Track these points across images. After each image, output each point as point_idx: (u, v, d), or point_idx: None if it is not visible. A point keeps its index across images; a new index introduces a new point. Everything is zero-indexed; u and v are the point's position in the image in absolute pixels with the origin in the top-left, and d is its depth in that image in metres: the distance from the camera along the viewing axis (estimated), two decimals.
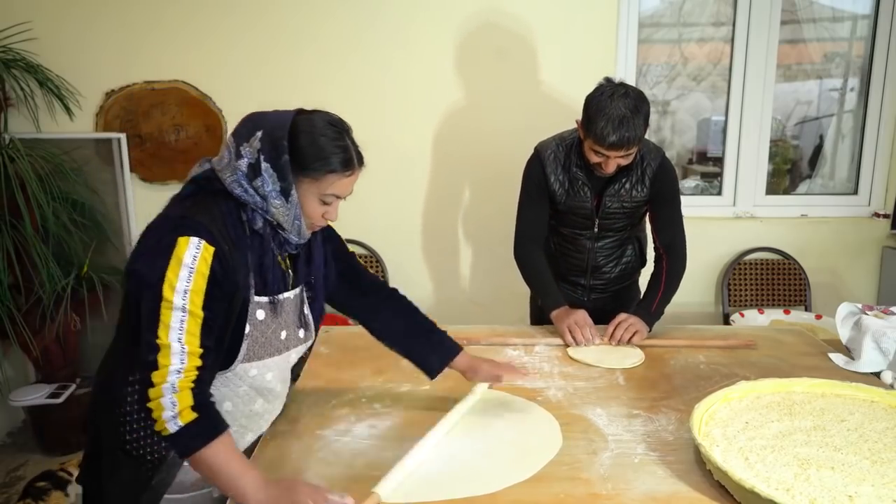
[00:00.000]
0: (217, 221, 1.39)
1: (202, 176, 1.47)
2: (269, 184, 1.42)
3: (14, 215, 3.06)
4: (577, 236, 2.50)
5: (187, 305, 1.31)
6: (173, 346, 1.30)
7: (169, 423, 1.28)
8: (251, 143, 1.42)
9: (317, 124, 1.48)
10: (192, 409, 1.29)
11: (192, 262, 1.32)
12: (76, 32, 3.40)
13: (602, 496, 1.41)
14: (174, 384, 1.29)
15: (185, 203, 1.43)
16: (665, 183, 2.37)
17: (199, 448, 1.30)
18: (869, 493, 1.32)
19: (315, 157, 1.44)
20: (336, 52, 3.45)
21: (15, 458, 3.40)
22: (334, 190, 1.48)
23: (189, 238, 1.33)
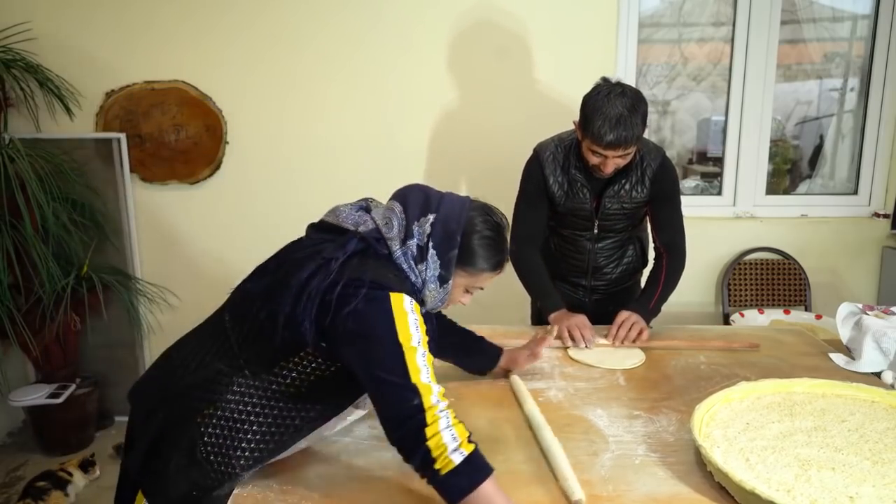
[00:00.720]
0: (404, 285, 1.44)
1: (373, 236, 1.48)
2: (431, 269, 1.48)
3: (14, 215, 3.06)
4: (577, 237, 2.50)
5: (425, 350, 1.36)
6: (432, 387, 1.32)
7: (453, 455, 1.27)
8: (422, 226, 1.48)
9: (484, 225, 1.53)
10: (469, 440, 1.31)
11: (412, 313, 1.38)
12: (76, 32, 3.40)
13: (603, 497, 1.41)
14: (447, 418, 1.31)
15: (366, 263, 1.43)
16: (665, 182, 2.36)
17: (482, 480, 1.28)
18: (870, 494, 1.32)
19: (478, 257, 1.51)
20: (336, 51, 3.45)
21: (15, 458, 3.40)
22: (481, 284, 1.58)
23: (401, 295, 1.38)
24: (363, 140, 3.54)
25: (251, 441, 1.45)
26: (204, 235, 3.61)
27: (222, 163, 3.54)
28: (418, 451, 1.28)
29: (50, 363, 3.39)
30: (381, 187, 3.53)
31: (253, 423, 1.45)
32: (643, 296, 2.41)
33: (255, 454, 1.45)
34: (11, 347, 3.23)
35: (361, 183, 3.61)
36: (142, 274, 3.62)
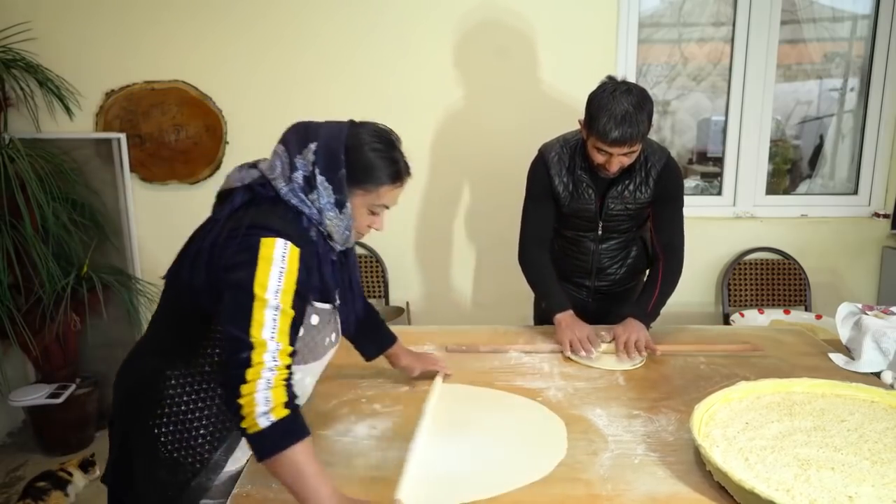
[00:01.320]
0: (290, 226, 1.40)
1: (257, 182, 1.47)
2: (324, 197, 1.45)
3: (14, 215, 3.06)
4: (581, 238, 2.49)
5: (280, 304, 1.32)
6: (269, 343, 1.29)
7: (260, 419, 1.25)
8: (305, 156, 1.45)
9: (370, 136, 1.50)
10: (285, 405, 1.28)
11: (281, 261, 1.34)
12: (76, 32, 3.40)
13: (602, 497, 1.41)
14: (269, 380, 1.28)
15: (250, 211, 1.42)
16: (669, 183, 2.35)
17: (287, 446, 1.27)
18: (869, 494, 1.32)
19: (370, 170, 1.47)
20: (336, 51, 3.45)
21: (15, 458, 3.40)
22: (384, 201, 1.53)
23: (274, 239, 1.35)
24: None
25: (207, 426, 1.46)
26: None
27: (222, 163, 3.53)
28: (232, 404, 1.27)
29: (50, 363, 3.39)
30: None
31: (202, 408, 1.46)
32: (641, 300, 2.38)
33: (215, 435, 1.48)
34: (11, 347, 3.23)
35: None
36: (142, 274, 3.62)
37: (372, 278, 3.69)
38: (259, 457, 1.29)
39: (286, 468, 1.28)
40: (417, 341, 2.30)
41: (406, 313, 3.62)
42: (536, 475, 1.50)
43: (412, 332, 2.43)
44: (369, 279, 3.68)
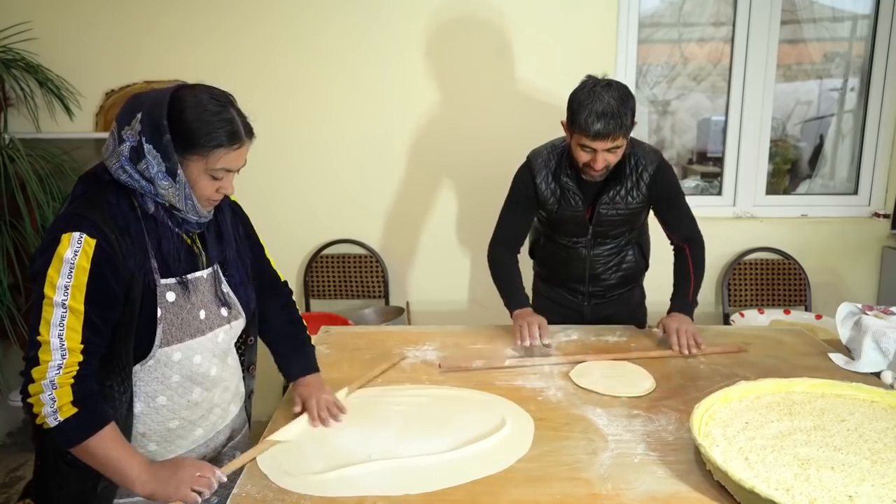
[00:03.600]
0: (103, 212, 1.38)
1: (90, 171, 1.46)
2: (153, 166, 1.39)
3: (14, 215, 3.06)
4: (574, 244, 2.48)
5: (67, 301, 1.33)
6: (53, 342, 1.32)
7: (49, 419, 1.31)
8: (132, 126, 1.39)
9: (198, 99, 1.42)
10: (73, 404, 1.32)
11: (72, 258, 1.33)
12: (76, 32, 3.40)
13: (602, 496, 1.41)
14: (53, 380, 1.31)
15: (74, 201, 1.43)
16: (665, 185, 2.34)
17: (81, 440, 1.32)
18: (869, 493, 1.32)
19: (199, 134, 1.39)
20: (335, 52, 3.45)
21: (15, 458, 3.41)
22: (223, 164, 1.44)
23: (70, 234, 1.34)
24: (362, 140, 3.54)
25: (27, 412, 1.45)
26: None
27: None
28: (25, 402, 1.33)
29: None
30: (380, 187, 3.58)
31: None
32: (679, 292, 2.38)
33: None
34: (11, 347, 3.23)
35: (360, 182, 3.62)
36: None
37: (372, 278, 3.69)
38: (63, 447, 1.36)
39: (89, 457, 1.35)
40: (417, 341, 2.30)
41: (406, 313, 3.62)
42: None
43: (412, 332, 2.43)
44: (369, 279, 3.68)
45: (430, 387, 1.96)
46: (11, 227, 3.07)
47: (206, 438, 1.63)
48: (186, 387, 1.54)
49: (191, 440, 1.59)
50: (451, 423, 1.73)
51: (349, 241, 3.69)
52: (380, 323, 3.54)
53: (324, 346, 2.27)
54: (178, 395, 1.53)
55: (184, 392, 1.54)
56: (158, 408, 1.51)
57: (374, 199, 3.63)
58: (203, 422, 1.61)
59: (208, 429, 1.63)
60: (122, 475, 1.35)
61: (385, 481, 1.47)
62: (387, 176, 3.60)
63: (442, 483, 1.46)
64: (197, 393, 1.56)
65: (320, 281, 3.70)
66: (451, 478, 1.48)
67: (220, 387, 1.63)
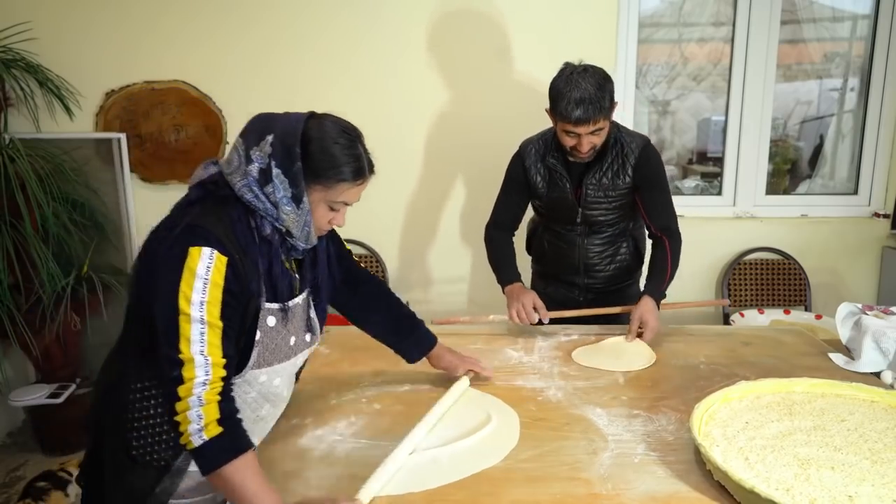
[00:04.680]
0: (227, 229, 1.37)
1: (210, 180, 1.44)
2: (280, 190, 1.40)
3: (14, 215, 3.06)
4: (567, 232, 2.53)
5: (206, 317, 1.30)
6: (196, 358, 1.29)
7: (194, 437, 1.27)
8: (262, 148, 1.40)
9: (329, 131, 1.45)
10: (218, 422, 1.28)
11: (205, 274, 1.31)
12: (76, 32, 3.40)
13: (602, 496, 1.41)
14: (200, 397, 1.28)
15: (194, 209, 1.39)
16: (649, 168, 2.40)
17: (222, 464, 1.28)
18: (869, 493, 1.32)
19: (327, 166, 1.42)
20: (336, 52, 3.45)
21: (15, 458, 3.40)
22: (344, 198, 1.47)
23: (201, 248, 1.31)
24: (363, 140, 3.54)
25: (169, 431, 1.42)
26: None
27: None
28: (170, 420, 1.30)
29: (50, 363, 3.39)
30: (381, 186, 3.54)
31: (163, 414, 1.44)
32: (653, 281, 2.39)
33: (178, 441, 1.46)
34: (11, 347, 3.23)
35: None
36: None
37: None
38: (202, 472, 1.31)
39: (225, 484, 1.29)
40: None
41: None
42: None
43: None
44: None
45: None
46: (11, 227, 3.07)
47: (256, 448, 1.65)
48: (259, 403, 1.56)
49: None
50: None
51: (349, 241, 3.65)
52: None
53: (324, 346, 2.27)
54: (249, 411, 1.54)
55: (256, 408, 1.56)
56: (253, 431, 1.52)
57: (374, 200, 3.60)
58: (260, 433, 1.63)
59: (259, 438, 1.64)
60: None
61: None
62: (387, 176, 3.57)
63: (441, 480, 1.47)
64: (266, 409, 1.59)
65: None
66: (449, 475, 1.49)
67: (284, 403, 1.68)
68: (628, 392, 1.92)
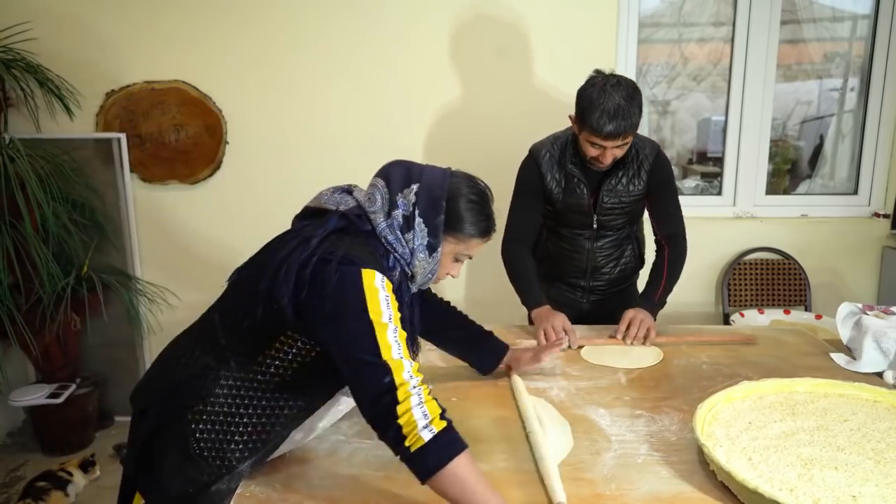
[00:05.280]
0: (378, 264, 1.43)
1: (354, 213, 1.50)
2: (419, 238, 1.49)
3: (14, 215, 3.06)
4: (576, 236, 2.50)
5: (396, 326, 1.35)
6: (403, 363, 1.31)
7: (423, 432, 1.26)
8: (406, 196, 1.49)
9: (469, 189, 1.55)
10: (441, 417, 1.30)
11: (384, 290, 1.37)
12: (76, 32, 3.40)
13: (606, 496, 1.41)
14: (420, 394, 1.30)
15: (344, 240, 1.43)
16: (662, 174, 2.39)
17: (451, 458, 1.26)
18: (873, 493, 1.32)
19: (466, 222, 1.53)
20: (336, 52, 3.45)
21: (15, 458, 3.40)
22: (470, 251, 1.59)
23: (374, 272, 1.37)
24: (363, 139, 3.54)
25: (243, 434, 1.45)
26: (204, 235, 3.61)
27: (222, 163, 3.54)
28: (390, 428, 1.28)
29: (50, 363, 3.39)
30: None
31: (243, 415, 1.45)
32: (648, 289, 2.42)
33: (248, 446, 1.46)
34: (11, 347, 3.23)
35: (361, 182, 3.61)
36: (142, 274, 3.62)
37: None
38: (423, 475, 1.28)
39: (452, 481, 1.27)
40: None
41: None
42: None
43: None
44: None
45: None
46: (11, 227, 3.06)
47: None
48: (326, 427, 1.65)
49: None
50: None
51: None
52: None
53: None
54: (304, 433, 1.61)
55: (309, 431, 1.61)
56: (293, 441, 1.57)
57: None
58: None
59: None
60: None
61: None
62: None
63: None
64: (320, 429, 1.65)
65: None
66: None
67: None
68: (631, 392, 1.92)
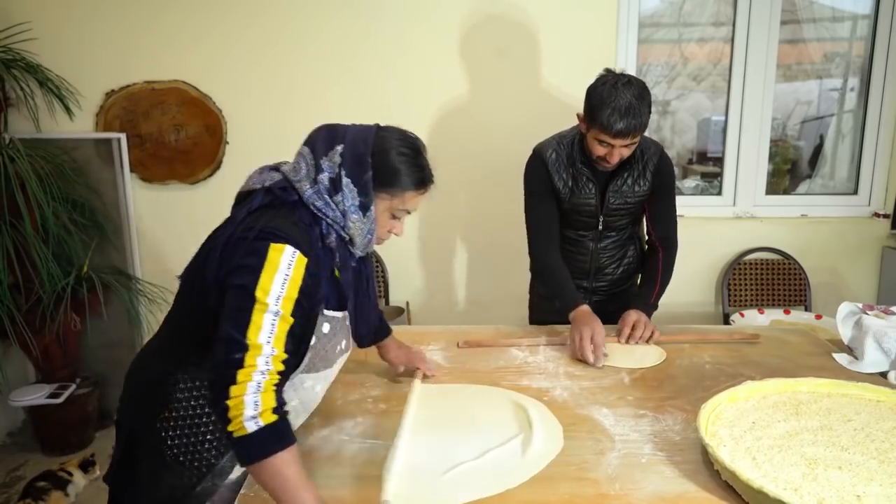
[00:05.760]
0: (302, 234, 1.40)
1: (278, 186, 1.47)
2: (349, 199, 1.45)
3: (14, 215, 3.05)
4: (581, 237, 2.50)
5: (280, 310, 1.32)
6: (264, 348, 1.29)
7: (248, 423, 1.24)
8: (331, 158, 1.45)
9: (396, 142, 1.50)
10: (274, 411, 1.27)
11: (287, 269, 1.33)
12: (76, 32, 3.40)
13: (610, 496, 1.41)
14: (260, 383, 1.26)
15: (266, 214, 1.42)
16: (665, 176, 2.39)
17: (273, 453, 1.25)
18: (877, 493, 1.32)
19: (394, 175, 1.47)
20: (336, 51, 3.45)
21: (15, 458, 3.40)
22: (407, 206, 1.54)
23: (283, 246, 1.34)
24: None
25: (214, 432, 1.45)
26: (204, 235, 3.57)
27: (222, 163, 3.53)
28: (219, 403, 1.26)
29: (50, 363, 3.38)
30: None
31: (210, 413, 1.45)
32: (643, 292, 2.42)
33: (223, 442, 1.47)
34: (11, 347, 3.22)
35: None
36: (142, 274, 3.62)
37: None
38: (243, 461, 1.28)
39: (270, 475, 1.26)
40: (420, 341, 2.29)
41: (406, 313, 3.62)
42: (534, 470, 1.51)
43: (416, 332, 2.42)
44: None
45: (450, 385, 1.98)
46: (11, 227, 3.06)
47: None
48: (298, 412, 1.59)
49: None
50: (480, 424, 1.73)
51: None
52: None
53: None
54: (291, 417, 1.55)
55: (294, 417, 1.56)
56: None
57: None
58: None
59: None
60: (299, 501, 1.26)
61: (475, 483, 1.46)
62: None
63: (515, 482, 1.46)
64: (301, 418, 1.63)
65: None
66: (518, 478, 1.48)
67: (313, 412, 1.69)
68: (634, 392, 1.92)
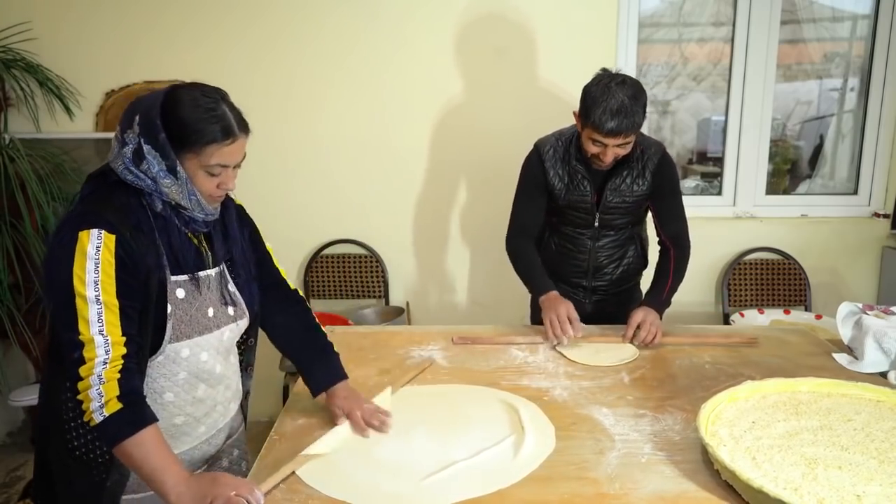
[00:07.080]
0: (115, 211, 1.40)
1: (97, 172, 1.48)
2: (154, 165, 1.42)
3: (14, 215, 3.06)
4: (579, 235, 2.50)
5: (101, 297, 1.34)
6: (96, 339, 1.32)
7: (95, 414, 1.30)
8: (133, 129, 1.43)
9: (190, 96, 1.44)
10: (118, 398, 1.31)
11: (95, 254, 1.35)
12: (76, 32, 3.40)
13: (610, 496, 1.41)
14: (100, 375, 1.31)
15: (84, 201, 1.45)
16: (666, 176, 2.39)
17: (123, 438, 1.30)
18: (877, 493, 1.32)
19: (191, 130, 1.41)
20: (335, 51, 3.45)
21: (15, 458, 3.40)
22: (217, 160, 1.45)
23: (89, 231, 1.35)
24: (362, 139, 3.54)
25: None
26: None
27: None
28: (75, 397, 1.33)
29: None
30: (380, 186, 3.58)
31: None
32: (654, 289, 2.42)
33: None
34: (11, 347, 3.22)
35: (360, 182, 3.62)
36: None
37: (372, 278, 3.68)
38: (106, 448, 1.37)
39: (129, 458, 1.32)
40: (422, 341, 2.30)
41: (406, 313, 3.62)
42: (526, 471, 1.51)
43: (416, 332, 2.43)
44: (369, 279, 3.68)
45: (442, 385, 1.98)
46: (11, 227, 3.06)
47: (208, 436, 1.65)
48: (192, 383, 1.56)
49: (194, 437, 1.61)
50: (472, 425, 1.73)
51: (349, 241, 3.69)
52: (380, 323, 3.54)
53: None
54: (184, 392, 1.55)
55: (189, 389, 1.55)
56: (165, 404, 1.52)
57: (373, 199, 3.63)
58: (206, 419, 1.63)
59: (210, 426, 1.65)
60: (158, 482, 1.31)
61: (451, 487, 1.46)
62: (386, 175, 3.59)
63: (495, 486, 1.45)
64: (202, 390, 1.58)
65: (320, 281, 3.69)
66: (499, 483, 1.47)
67: (223, 384, 1.65)
68: (634, 392, 1.92)
